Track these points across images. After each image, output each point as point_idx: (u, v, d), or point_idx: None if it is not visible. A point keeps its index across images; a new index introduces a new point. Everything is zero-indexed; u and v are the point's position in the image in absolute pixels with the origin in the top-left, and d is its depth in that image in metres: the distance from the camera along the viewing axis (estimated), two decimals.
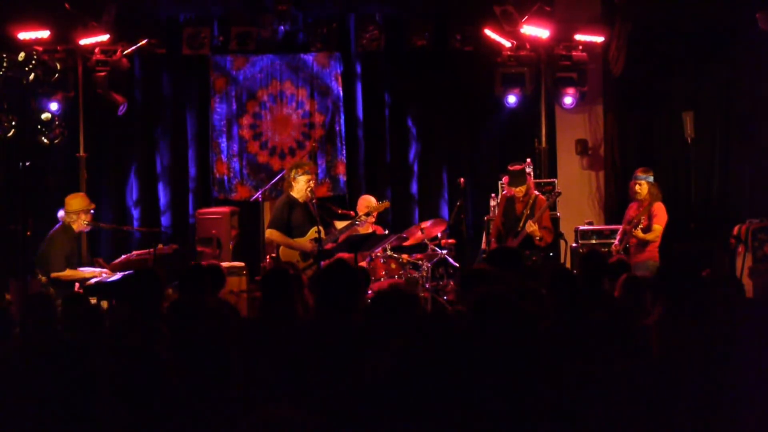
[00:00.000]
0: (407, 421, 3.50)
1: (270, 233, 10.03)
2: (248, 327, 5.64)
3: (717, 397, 4.16)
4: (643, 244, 10.17)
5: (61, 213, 10.02)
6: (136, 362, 4.11)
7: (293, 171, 10.08)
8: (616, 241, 10.61)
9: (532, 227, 10.20)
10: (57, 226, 10.00)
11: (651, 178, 10.38)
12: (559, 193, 11.36)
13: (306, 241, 9.86)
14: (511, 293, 4.08)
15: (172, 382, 3.86)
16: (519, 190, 10.46)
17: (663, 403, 4.05)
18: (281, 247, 10.07)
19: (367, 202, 11.17)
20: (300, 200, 9.99)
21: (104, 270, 10.15)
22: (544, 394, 3.71)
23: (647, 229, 10.15)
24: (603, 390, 3.98)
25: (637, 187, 10.33)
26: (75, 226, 9.89)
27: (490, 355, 3.80)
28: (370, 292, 10.04)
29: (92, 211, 10.14)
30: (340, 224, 10.79)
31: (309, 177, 10.09)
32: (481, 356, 3.78)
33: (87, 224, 10.06)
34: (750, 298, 7.84)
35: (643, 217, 10.14)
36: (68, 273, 9.78)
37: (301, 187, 9.97)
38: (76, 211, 9.91)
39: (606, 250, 10.85)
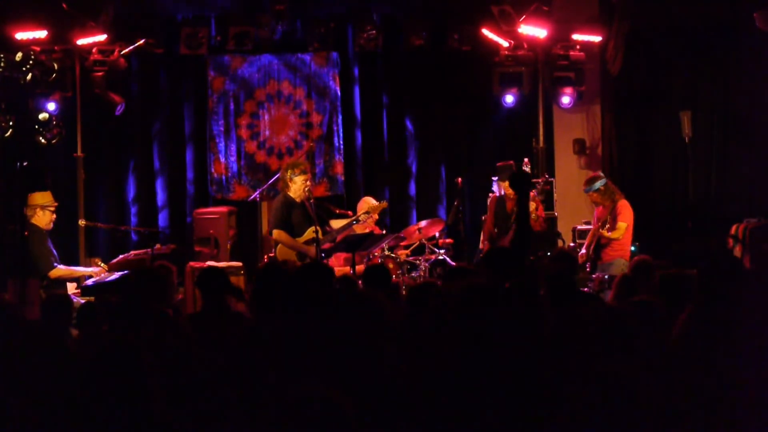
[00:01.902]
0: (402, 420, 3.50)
1: (278, 234, 10.01)
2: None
3: (717, 397, 4.16)
4: (611, 243, 10.20)
5: (25, 210, 9.88)
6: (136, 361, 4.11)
7: (289, 171, 10.05)
8: (583, 250, 10.56)
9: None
10: (27, 227, 9.86)
11: (598, 183, 10.42)
12: (551, 181, 11.40)
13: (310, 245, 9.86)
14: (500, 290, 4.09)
15: (170, 382, 3.86)
16: (507, 185, 10.49)
17: (662, 403, 4.06)
18: (279, 246, 10.06)
19: (368, 203, 11.17)
20: (297, 200, 9.98)
21: (101, 269, 10.07)
22: (538, 395, 3.71)
23: (612, 229, 10.20)
24: (600, 390, 3.98)
25: (590, 199, 10.52)
26: (36, 221, 9.75)
27: (483, 356, 3.81)
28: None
29: (51, 210, 9.93)
30: (337, 223, 10.79)
31: (306, 176, 10.08)
32: (473, 357, 3.79)
33: (50, 222, 9.89)
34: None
35: (608, 218, 10.20)
36: (66, 271, 9.74)
37: (298, 186, 9.95)
38: (33, 205, 9.79)
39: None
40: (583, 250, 10.48)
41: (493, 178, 11.12)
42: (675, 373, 4.29)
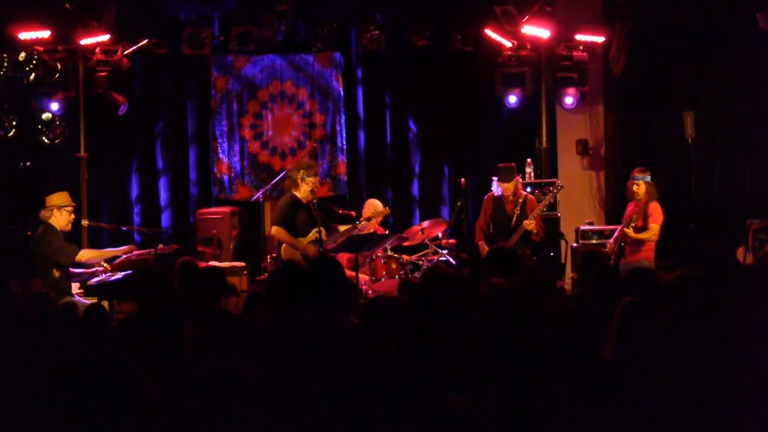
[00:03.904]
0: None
1: (276, 230, 10.01)
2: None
3: (718, 397, 4.16)
4: (639, 243, 10.17)
5: (42, 212, 9.97)
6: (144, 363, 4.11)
7: (302, 171, 10.00)
8: (611, 241, 10.60)
9: (531, 224, 10.23)
10: (39, 227, 9.94)
11: (648, 178, 10.38)
12: (562, 187, 11.35)
13: (308, 244, 9.85)
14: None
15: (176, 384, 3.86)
16: (507, 187, 10.49)
17: (663, 404, 4.06)
18: (283, 246, 10.06)
19: (373, 206, 11.16)
20: (304, 201, 9.98)
21: (129, 247, 10.27)
22: (546, 395, 3.71)
23: (642, 229, 10.16)
24: (602, 390, 3.98)
25: (635, 187, 10.33)
26: (53, 222, 9.82)
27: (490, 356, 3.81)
28: (371, 292, 10.05)
29: (68, 210, 10.00)
30: (343, 227, 10.79)
31: (317, 179, 10.10)
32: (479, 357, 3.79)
33: (69, 223, 9.96)
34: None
35: (637, 217, 10.14)
36: (96, 252, 9.86)
37: (308, 188, 9.96)
38: (50, 206, 9.86)
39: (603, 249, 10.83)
40: (612, 240, 10.47)
41: (493, 178, 11.12)
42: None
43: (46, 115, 12.11)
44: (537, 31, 12.47)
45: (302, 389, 4.04)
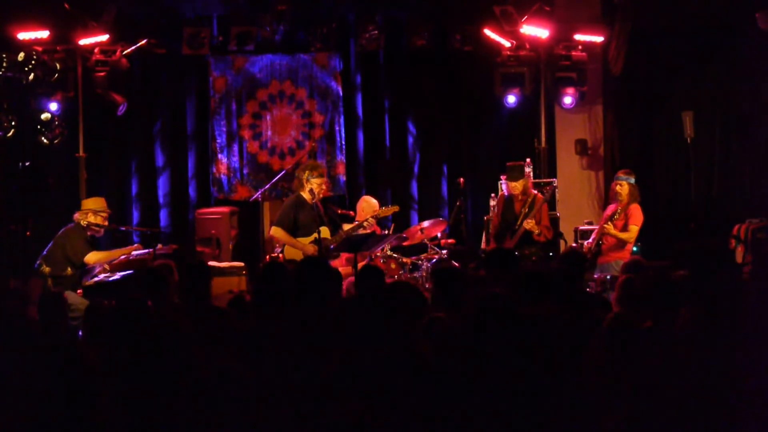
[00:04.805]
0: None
1: (275, 231, 10.05)
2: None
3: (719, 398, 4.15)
4: (618, 243, 10.15)
5: (76, 214, 10.16)
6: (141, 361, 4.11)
7: (307, 172, 10.04)
8: (588, 241, 10.56)
9: (530, 224, 10.22)
10: (69, 225, 10.11)
11: (632, 180, 10.37)
12: (555, 187, 11.36)
13: (308, 243, 9.87)
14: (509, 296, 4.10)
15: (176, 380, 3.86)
16: (514, 186, 10.48)
17: (663, 406, 4.06)
18: (286, 246, 10.08)
19: (367, 203, 11.16)
20: (309, 201, 10.00)
21: (135, 246, 10.51)
22: (538, 396, 3.71)
23: (623, 230, 10.16)
24: (601, 392, 3.98)
25: (618, 187, 10.32)
26: (84, 224, 9.98)
27: (485, 360, 3.81)
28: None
29: (103, 216, 10.17)
30: (347, 226, 10.80)
31: (322, 180, 10.13)
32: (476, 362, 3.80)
33: (99, 227, 10.13)
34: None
35: (618, 216, 10.12)
36: (104, 254, 9.97)
37: (314, 189, 9.97)
38: (86, 210, 10.07)
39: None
40: (589, 243, 10.46)
41: (502, 177, 11.12)
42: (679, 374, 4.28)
43: (45, 115, 12.12)
44: (536, 30, 12.47)
45: (286, 387, 4.05)
